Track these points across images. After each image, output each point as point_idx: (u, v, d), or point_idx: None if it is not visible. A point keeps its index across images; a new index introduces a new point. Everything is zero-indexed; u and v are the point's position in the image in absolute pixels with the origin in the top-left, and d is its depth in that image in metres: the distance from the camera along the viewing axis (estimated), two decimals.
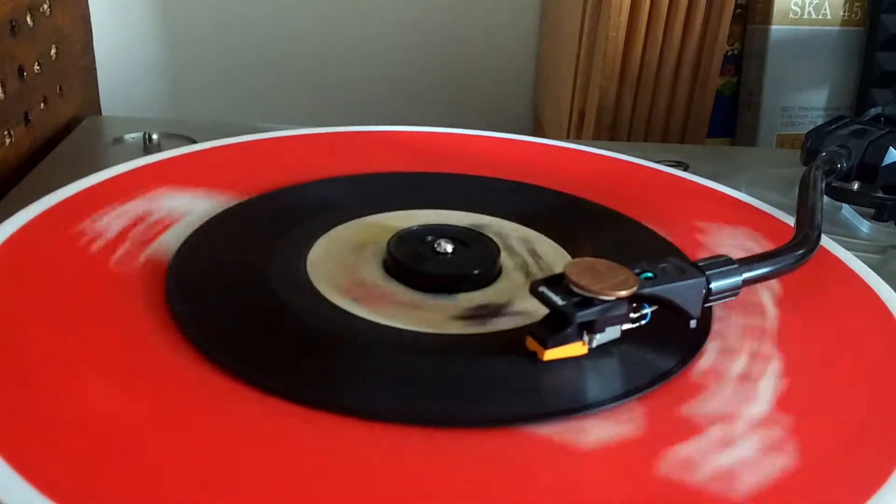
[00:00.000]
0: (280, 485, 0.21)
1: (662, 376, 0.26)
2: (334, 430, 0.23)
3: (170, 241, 0.32)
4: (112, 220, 0.34)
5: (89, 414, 0.23)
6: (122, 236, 0.33)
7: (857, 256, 0.35)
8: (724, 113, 0.63)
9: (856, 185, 0.44)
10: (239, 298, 0.30)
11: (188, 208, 0.35)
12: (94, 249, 0.32)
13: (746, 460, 0.23)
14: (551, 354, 0.26)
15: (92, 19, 0.59)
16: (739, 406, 0.26)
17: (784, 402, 0.26)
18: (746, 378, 0.27)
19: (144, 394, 0.24)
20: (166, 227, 0.34)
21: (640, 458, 0.23)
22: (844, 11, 0.60)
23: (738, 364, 0.28)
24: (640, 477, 0.23)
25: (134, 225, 0.33)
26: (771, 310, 0.31)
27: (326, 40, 0.73)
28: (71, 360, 0.25)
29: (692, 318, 0.27)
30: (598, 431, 0.24)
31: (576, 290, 0.25)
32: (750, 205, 0.40)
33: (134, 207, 0.35)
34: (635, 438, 0.24)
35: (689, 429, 0.24)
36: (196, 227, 0.34)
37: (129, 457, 0.22)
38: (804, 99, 0.61)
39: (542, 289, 0.26)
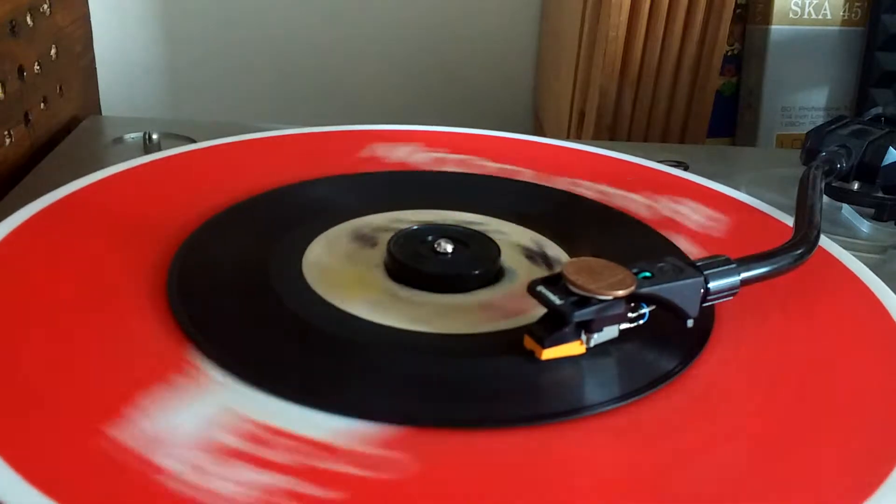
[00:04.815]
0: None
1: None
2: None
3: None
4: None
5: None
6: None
7: (857, 256, 0.35)
8: (724, 113, 0.63)
9: (856, 185, 0.44)
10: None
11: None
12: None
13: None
14: (549, 354, 0.26)
15: (92, 19, 0.59)
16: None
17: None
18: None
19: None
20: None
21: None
22: (844, 11, 0.60)
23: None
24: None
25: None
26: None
27: (326, 40, 0.73)
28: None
29: (690, 318, 0.27)
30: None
31: (573, 289, 0.25)
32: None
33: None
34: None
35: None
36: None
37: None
38: (804, 99, 0.61)
39: (540, 288, 0.26)
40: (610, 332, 0.27)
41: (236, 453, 0.22)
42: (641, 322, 0.27)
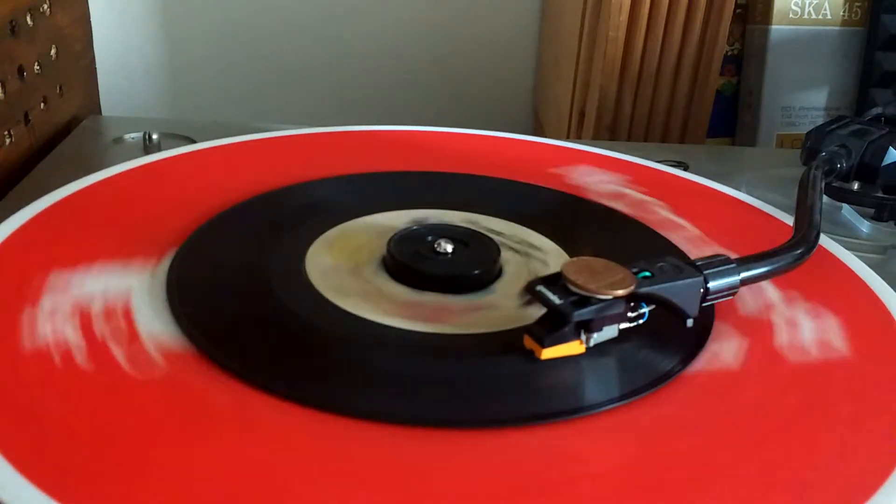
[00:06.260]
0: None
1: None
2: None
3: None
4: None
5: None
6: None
7: (857, 256, 0.35)
8: (724, 113, 0.63)
9: (856, 185, 0.44)
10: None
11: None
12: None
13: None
14: (549, 353, 0.26)
15: (92, 19, 0.59)
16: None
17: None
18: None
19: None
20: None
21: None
22: (844, 11, 0.60)
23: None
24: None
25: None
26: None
27: (326, 40, 0.73)
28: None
29: (690, 318, 0.27)
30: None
31: (573, 288, 0.25)
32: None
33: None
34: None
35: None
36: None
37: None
38: (804, 99, 0.61)
39: (540, 288, 0.26)
40: (609, 331, 0.27)
41: None
42: (641, 322, 0.27)
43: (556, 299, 0.26)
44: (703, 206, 0.40)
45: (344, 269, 0.31)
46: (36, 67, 0.49)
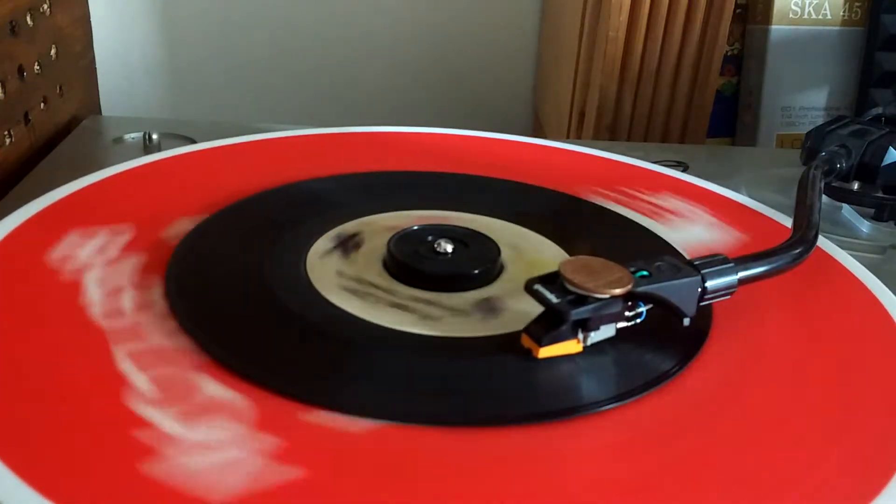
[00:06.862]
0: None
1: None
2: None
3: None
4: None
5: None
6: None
7: (856, 256, 0.35)
8: (724, 113, 0.63)
9: (856, 185, 0.44)
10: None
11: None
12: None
13: None
14: (546, 352, 0.26)
15: (92, 19, 0.59)
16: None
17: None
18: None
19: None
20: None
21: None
22: (844, 11, 0.60)
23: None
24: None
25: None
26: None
27: (326, 40, 0.73)
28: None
29: (687, 317, 0.27)
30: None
31: (571, 287, 0.25)
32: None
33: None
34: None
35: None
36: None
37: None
38: (804, 99, 0.61)
39: (537, 286, 0.26)
40: (607, 330, 0.27)
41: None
42: (639, 321, 0.27)
43: (553, 298, 0.26)
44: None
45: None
46: (36, 67, 0.50)
